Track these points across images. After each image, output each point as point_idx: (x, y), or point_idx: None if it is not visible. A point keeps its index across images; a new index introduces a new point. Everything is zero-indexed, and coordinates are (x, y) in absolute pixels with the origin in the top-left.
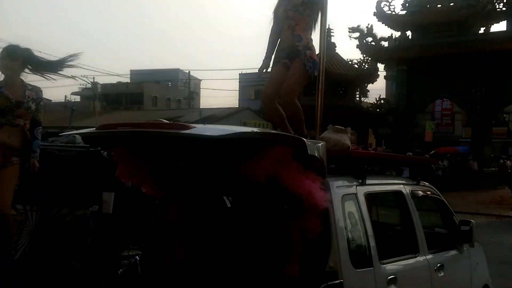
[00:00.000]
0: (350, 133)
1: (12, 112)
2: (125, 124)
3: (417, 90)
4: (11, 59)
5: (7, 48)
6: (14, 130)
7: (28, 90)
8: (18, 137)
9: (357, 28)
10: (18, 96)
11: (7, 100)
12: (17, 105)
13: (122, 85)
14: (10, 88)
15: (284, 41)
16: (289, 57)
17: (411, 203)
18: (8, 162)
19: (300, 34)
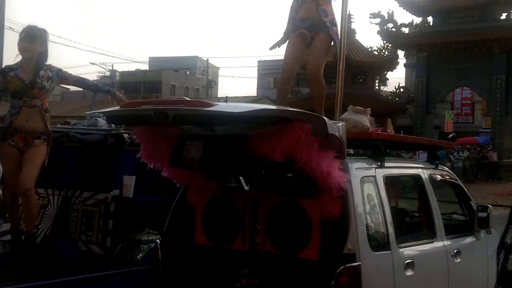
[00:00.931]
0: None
1: (27, 93)
2: (150, 102)
3: (436, 78)
4: (31, 40)
5: (26, 30)
6: (31, 111)
7: (42, 70)
8: (37, 119)
9: (378, 14)
10: (30, 76)
11: (21, 81)
12: (31, 86)
13: (141, 73)
14: (25, 69)
15: (305, 12)
16: (311, 29)
17: (429, 187)
18: (31, 145)
19: (326, 9)
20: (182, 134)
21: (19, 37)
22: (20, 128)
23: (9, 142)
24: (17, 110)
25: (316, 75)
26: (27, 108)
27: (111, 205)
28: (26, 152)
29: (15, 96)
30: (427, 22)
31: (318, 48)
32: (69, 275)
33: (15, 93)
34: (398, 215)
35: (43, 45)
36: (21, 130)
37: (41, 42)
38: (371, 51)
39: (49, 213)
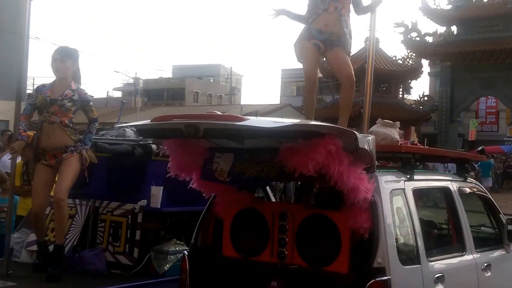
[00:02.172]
0: (399, 127)
1: (47, 108)
2: (180, 116)
3: (461, 87)
4: (62, 61)
5: (59, 51)
6: (51, 127)
7: (68, 90)
8: (57, 135)
9: (402, 23)
10: (55, 95)
11: (44, 98)
12: (51, 102)
13: (164, 80)
14: (55, 88)
15: (325, 25)
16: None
17: (458, 200)
18: (62, 160)
19: (347, 20)
20: (211, 147)
21: (52, 57)
22: (46, 147)
23: (42, 162)
24: (40, 125)
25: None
26: (47, 124)
27: (139, 216)
28: (60, 165)
29: (38, 111)
30: (451, 31)
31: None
32: (97, 286)
33: (38, 108)
34: (427, 228)
35: (75, 65)
36: (47, 149)
37: (73, 62)
38: (395, 60)
39: (77, 223)
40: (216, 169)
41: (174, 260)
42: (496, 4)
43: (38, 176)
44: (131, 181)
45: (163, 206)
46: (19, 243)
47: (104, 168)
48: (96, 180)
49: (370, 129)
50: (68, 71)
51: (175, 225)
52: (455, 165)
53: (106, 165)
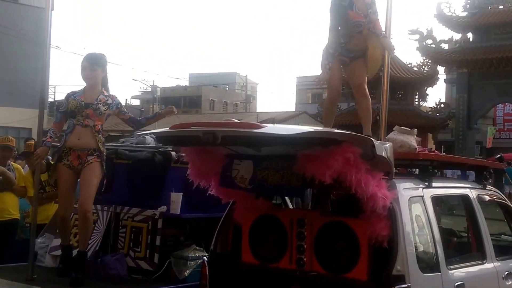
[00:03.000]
0: (416, 134)
1: (81, 112)
2: (199, 124)
3: (478, 94)
4: (92, 69)
5: (88, 58)
6: (83, 130)
7: (102, 95)
8: (88, 138)
9: (417, 30)
10: (89, 99)
11: (78, 102)
12: (85, 105)
13: (181, 89)
14: (86, 94)
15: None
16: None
17: (478, 207)
18: (86, 162)
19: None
20: (230, 154)
21: (81, 66)
22: (73, 146)
23: (64, 162)
24: (71, 129)
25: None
26: (79, 127)
27: (159, 221)
28: (82, 171)
29: (71, 115)
30: (467, 38)
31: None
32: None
33: (71, 112)
34: (446, 236)
35: (104, 71)
36: (74, 148)
37: (102, 69)
38: (410, 67)
39: (99, 228)
40: (236, 176)
41: (194, 266)
42: None
43: (63, 181)
44: (151, 188)
45: (182, 212)
46: (43, 248)
47: (124, 174)
48: (117, 186)
49: (388, 136)
50: (98, 78)
51: (195, 231)
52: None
53: (127, 171)
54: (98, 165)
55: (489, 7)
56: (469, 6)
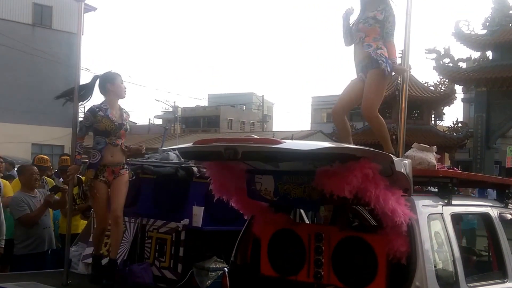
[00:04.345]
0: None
1: (115, 133)
2: (220, 139)
3: (497, 113)
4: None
5: (119, 75)
6: (114, 149)
7: (124, 113)
8: (119, 155)
9: (434, 49)
10: (118, 118)
11: (112, 123)
12: (119, 127)
13: (200, 109)
14: (112, 110)
15: (357, 55)
16: (364, 70)
17: (499, 226)
18: (117, 175)
19: (370, 43)
20: (250, 169)
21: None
22: (108, 164)
23: (100, 178)
24: (103, 146)
25: (369, 113)
26: (111, 146)
27: (182, 234)
28: (113, 181)
29: (103, 134)
30: (486, 56)
31: (367, 87)
32: None
33: (104, 132)
34: (466, 254)
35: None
36: (108, 165)
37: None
38: (427, 86)
39: (127, 239)
40: (260, 189)
41: (215, 277)
42: None
43: (101, 195)
44: (174, 201)
45: (204, 225)
46: (76, 256)
47: (150, 188)
48: (143, 200)
49: (406, 153)
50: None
51: (216, 243)
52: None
53: (152, 186)
54: (127, 177)
55: (510, 24)
56: (489, 24)
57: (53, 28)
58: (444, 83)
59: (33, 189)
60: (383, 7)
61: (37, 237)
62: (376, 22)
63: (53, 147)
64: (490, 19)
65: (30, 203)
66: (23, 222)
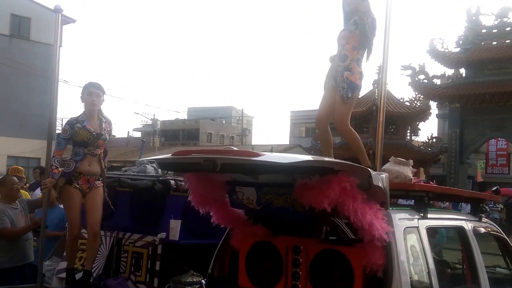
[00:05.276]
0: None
1: (94, 143)
2: (200, 151)
3: (470, 129)
4: (98, 95)
5: (95, 85)
6: (93, 159)
7: (104, 123)
8: (96, 165)
9: (409, 65)
10: (97, 128)
11: (89, 133)
12: (97, 137)
13: (180, 122)
14: (90, 122)
15: (334, 61)
16: (335, 80)
17: (473, 239)
18: (93, 187)
19: (347, 54)
20: (230, 181)
21: (88, 91)
22: (84, 172)
23: (74, 185)
24: (82, 157)
25: (342, 126)
26: (90, 156)
27: (159, 247)
28: (89, 194)
29: (81, 145)
30: (460, 73)
31: (337, 100)
32: None
33: (82, 142)
34: (441, 267)
35: (104, 98)
36: (84, 173)
37: (104, 96)
38: (402, 102)
39: (102, 253)
40: (242, 198)
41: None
42: (506, 47)
43: (75, 201)
44: (151, 215)
45: (181, 239)
46: (50, 270)
47: (126, 202)
48: (119, 213)
49: (383, 167)
50: (100, 104)
51: (193, 256)
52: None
53: (129, 199)
54: (102, 190)
55: (483, 42)
56: (462, 42)
57: (31, 39)
58: (419, 99)
59: (14, 201)
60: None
61: (20, 249)
62: (356, 26)
63: (29, 160)
64: (463, 37)
65: (11, 214)
66: (4, 235)
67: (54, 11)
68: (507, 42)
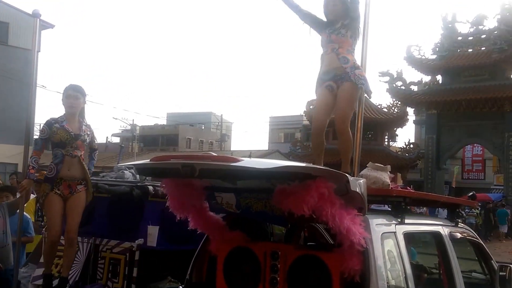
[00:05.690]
0: (389, 171)
1: (71, 143)
2: (178, 156)
3: (446, 135)
4: (76, 97)
5: (72, 88)
6: (73, 161)
7: (84, 125)
8: (77, 167)
9: (387, 72)
10: (76, 129)
11: (67, 133)
12: (75, 137)
13: (159, 127)
14: (70, 123)
15: (328, 64)
16: (336, 79)
17: (450, 244)
18: (75, 191)
19: (346, 56)
20: (209, 186)
21: (66, 94)
22: (65, 177)
23: (55, 191)
24: (61, 159)
25: (343, 125)
26: (69, 158)
27: (136, 253)
28: (70, 199)
29: (59, 146)
30: (436, 80)
31: (343, 99)
32: None
33: (60, 143)
34: (418, 271)
35: (84, 101)
36: (65, 178)
37: (83, 98)
38: (380, 108)
39: (79, 259)
40: (222, 202)
41: None
42: (481, 54)
43: (55, 206)
44: (129, 221)
45: (158, 245)
46: (26, 277)
47: (104, 207)
48: (96, 219)
49: (361, 173)
50: (80, 107)
51: (171, 263)
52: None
53: (106, 205)
54: (85, 194)
55: (459, 50)
56: (438, 49)
57: (9, 44)
58: (397, 105)
59: None
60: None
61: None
62: (347, 29)
63: (6, 165)
64: (439, 44)
65: None
66: None
67: (33, 16)
68: (482, 49)
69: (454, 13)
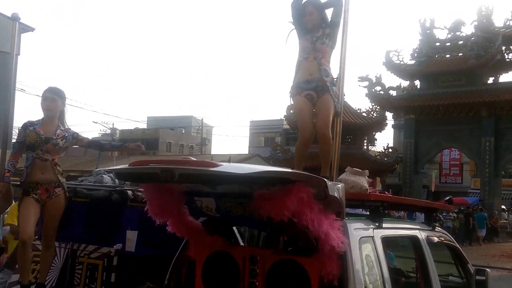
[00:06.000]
0: (367, 176)
1: (41, 146)
2: (157, 161)
3: (424, 139)
4: (54, 100)
5: (50, 90)
6: (44, 164)
7: (59, 130)
8: (50, 172)
9: (366, 77)
10: (48, 133)
11: (38, 135)
12: (45, 140)
13: (139, 131)
14: (45, 126)
15: (310, 73)
16: (317, 90)
17: (427, 248)
18: (54, 195)
19: (326, 69)
20: (188, 191)
21: (43, 96)
22: (40, 180)
23: (32, 195)
24: (31, 162)
25: (326, 131)
26: (39, 161)
27: (114, 259)
28: (48, 203)
29: (30, 148)
30: (415, 85)
31: (325, 107)
32: None
33: (30, 145)
34: (395, 276)
35: (63, 104)
36: (41, 182)
37: (62, 102)
38: (359, 113)
39: (56, 265)
40: (201, 206)
41: None
42: (458, 60)
43: (28, 207)
44: (107, 225)
45: (137, 250)
46: (2, 283)
47: (82, 212)
48: (74, 224)
49: (339, 177)
50: (57, 110)
51: (150, 268)
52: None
53: (85, 209)
54: (63, 197)
55: (436, 55)
56: (416, 55)
57: None
58: (376, 109)
59: None
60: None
61: None
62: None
63: None
64: (418, 50)
65: None
66: None
67: (12, 19)
68: (459, 55)
69: (432, 19)
